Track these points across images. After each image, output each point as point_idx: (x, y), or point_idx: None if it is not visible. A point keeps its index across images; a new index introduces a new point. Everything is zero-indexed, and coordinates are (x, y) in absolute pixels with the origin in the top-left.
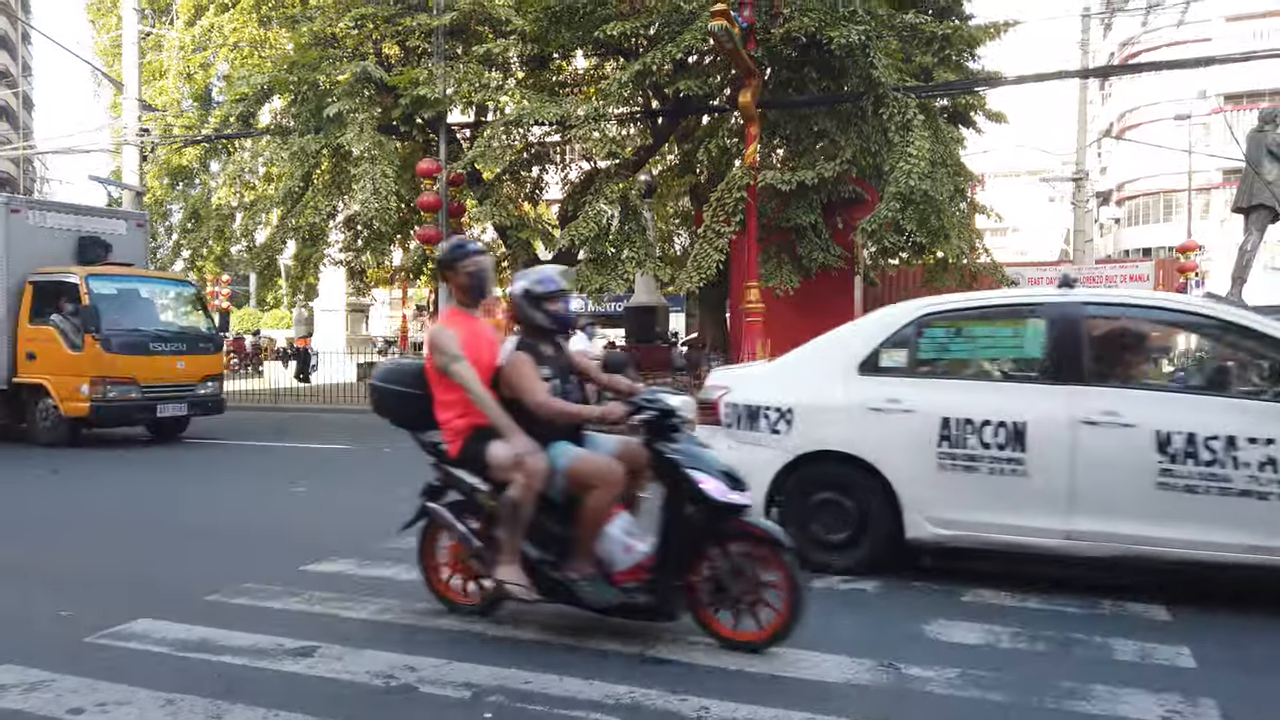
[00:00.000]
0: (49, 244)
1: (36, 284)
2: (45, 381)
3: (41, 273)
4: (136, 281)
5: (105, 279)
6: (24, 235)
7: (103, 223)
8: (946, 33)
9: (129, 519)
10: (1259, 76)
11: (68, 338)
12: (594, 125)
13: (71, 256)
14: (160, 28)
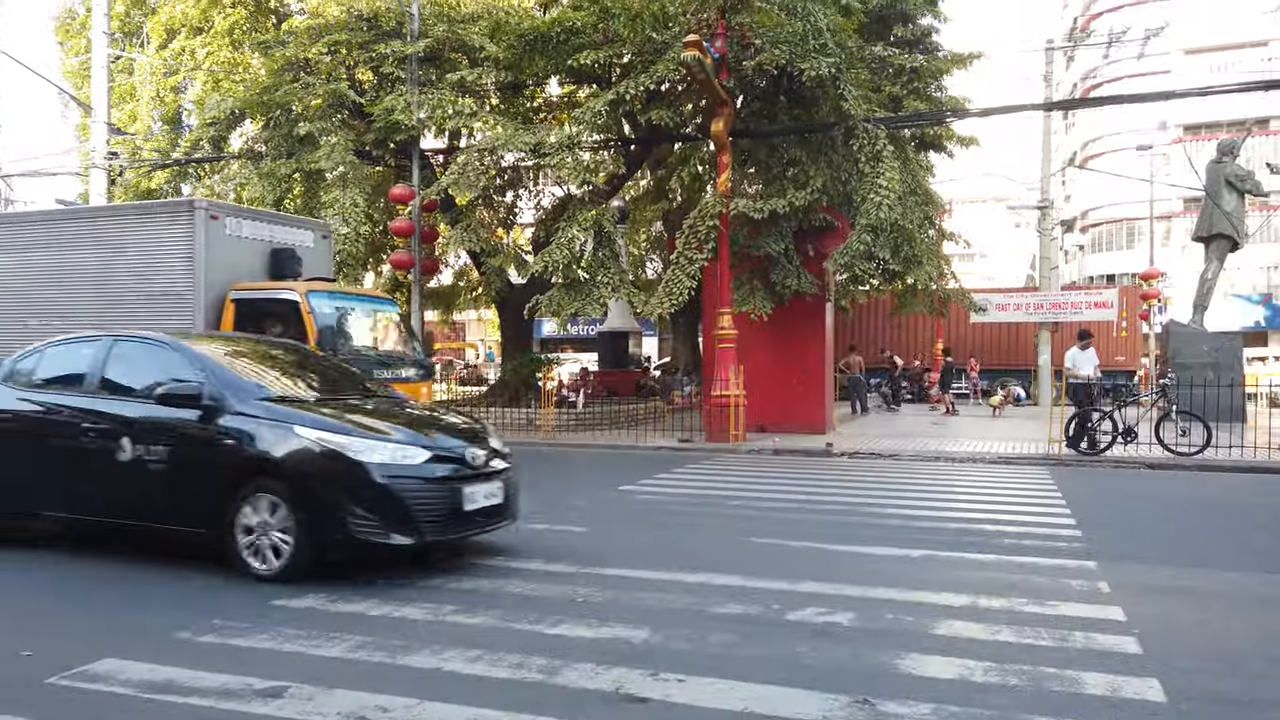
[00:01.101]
0: (242, 256)
1: (241, 301)
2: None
3: (245, 288)
4: (350, 300)
5: (324, 297)
6: (220, 245)
7: (293, 233)
8: (915, 66)
9: (97, 550)
10: (1217, 108)
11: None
12: (567, 153)
13: (264, 271)
14: (132, 50)
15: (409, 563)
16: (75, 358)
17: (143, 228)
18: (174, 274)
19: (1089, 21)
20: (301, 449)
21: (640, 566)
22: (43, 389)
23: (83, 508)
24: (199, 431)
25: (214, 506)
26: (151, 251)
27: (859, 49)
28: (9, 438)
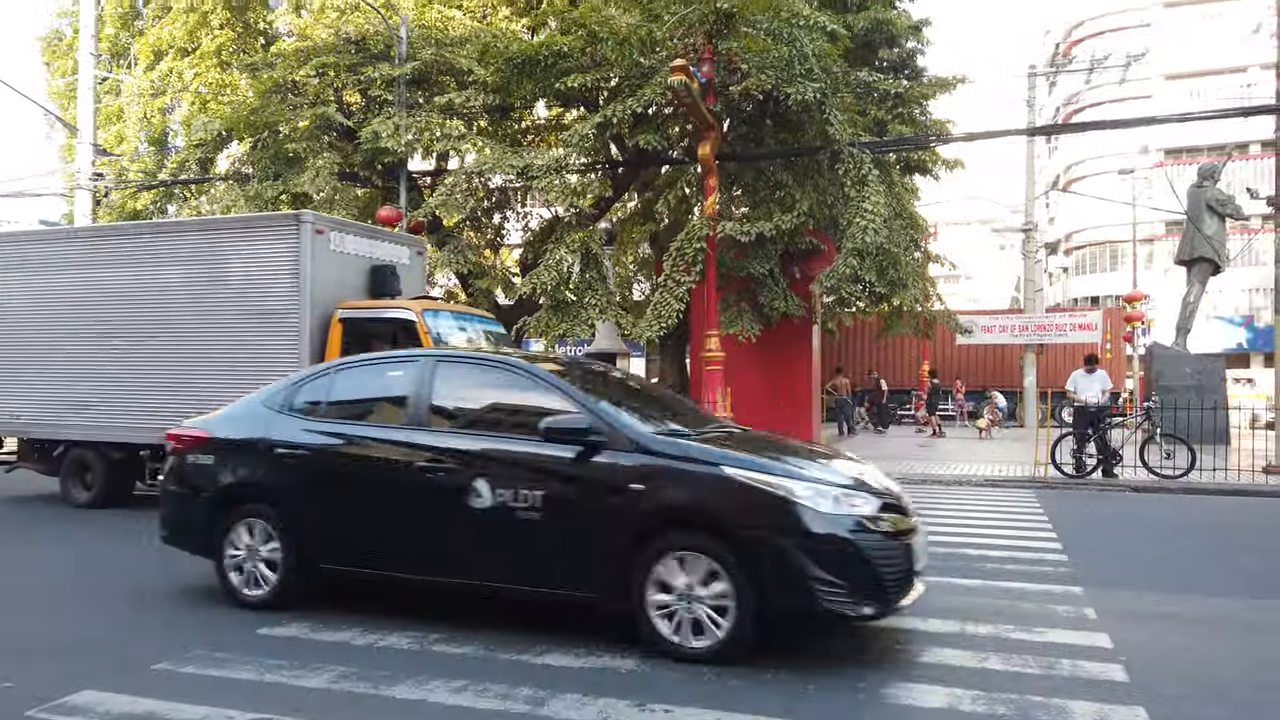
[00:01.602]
0: (345, 273)
1: (349, 321)
2: None
3: (352, 307)
4: (462, 320)
5: (439, 316)
6: (325, 261)
7: (391, 249)
8: (900, 91)
9: (75, 580)
10: (1197, 133)
11: None
12: (555, 175)
13: (364, 288)
14: (119, 72)
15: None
16: (384, 382)
17: (242, 243)
18: (277, 292)
19: (1071, 47)
20: (734, 495)
21: None
22: (342, 420)
23: (419, 565)
24: (585, 473)
25: (613, 566)
26: (252, 268)
27: (844, 74)
28: (305, 480)
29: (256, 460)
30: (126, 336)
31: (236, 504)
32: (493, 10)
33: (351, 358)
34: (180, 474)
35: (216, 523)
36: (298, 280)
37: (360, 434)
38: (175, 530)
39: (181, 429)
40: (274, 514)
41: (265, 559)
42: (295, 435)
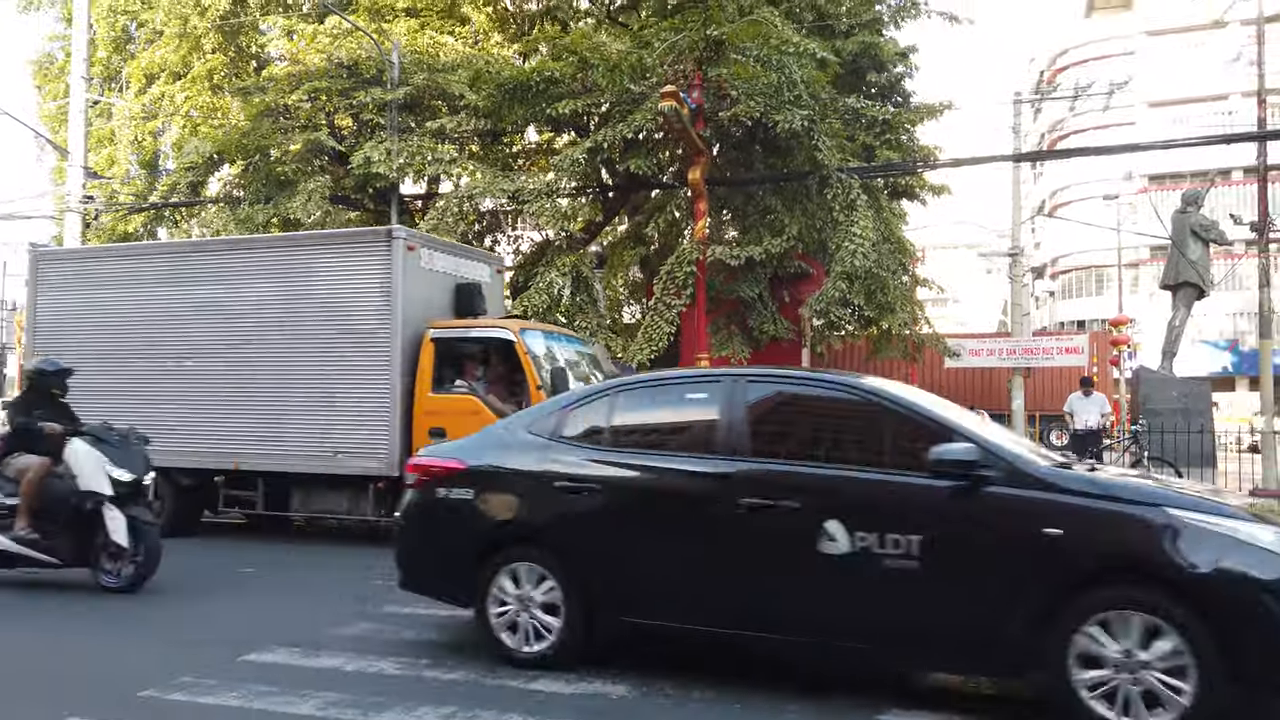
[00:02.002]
0: (431, 290)
1: (441, 341)
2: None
3: (445, 326)
4: (556, 340)
5: (536, 336)
6: (415, 279)
7: (475, 267)
8: (887, 117)
9: (61, 604)
10: (1180, 160)
11: (501, 411)
12: (546, 199)
13: (449, 307)
14: (110, 95)
15: (383, 616)
16: (682, 405)
17: (330, 259)
18: (367, 310)
19: (1055, 75)
20: (1189, 541)
21: None
22: (634, 449)
23: (745, 620)
24: (980, 514)
25: (1018, 630)
26: (340, 285)
27: (832, 100)
28: (595, 518)
29: (530, 495)
30: (202, 356)
31: (504, 545)
32: (485, 36)
33: (631, 378)
34: (428, 510)
35: (478, 567)
36: (389, 298)
37: (665, 465)
38: (422, 574)
39: (427, 458)
40: (552, 557)
41: (542, 608)
42: (579, 466)
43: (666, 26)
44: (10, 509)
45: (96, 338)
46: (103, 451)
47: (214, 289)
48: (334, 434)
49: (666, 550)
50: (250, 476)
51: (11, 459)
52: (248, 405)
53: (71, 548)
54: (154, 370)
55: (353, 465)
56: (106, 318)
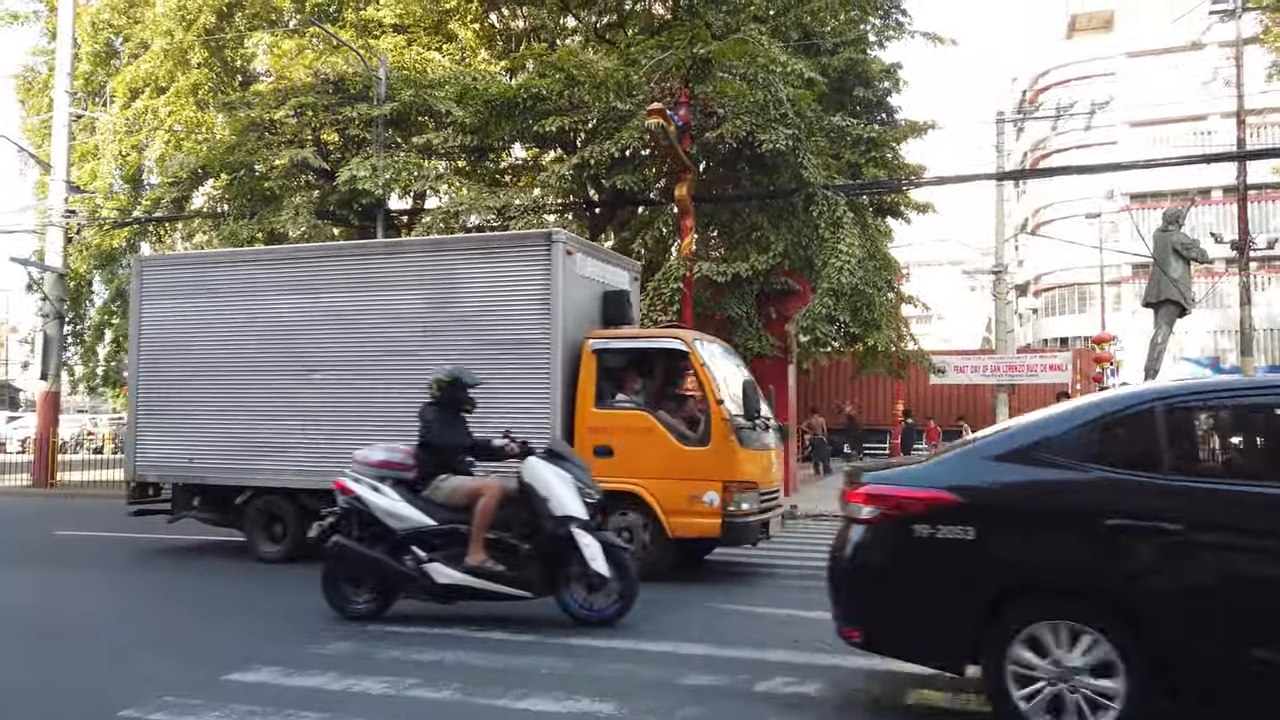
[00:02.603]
0: (582, 298)
1: (605, 352)
2: (638, 488)
3: (606, 336)
4: (722, 351)
5: (706, 346)
6: (573, 285)
7: (616, 273)
8: (872, 136)
9: (40, 624)
10: (1161, 179)
11: (674, 428)
12: (533, 215)
13: (597, 316)
14: (94, 109)
15: (366, 634)
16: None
17: (482, 264)
18: (524, 319)
19: (1037, 95)
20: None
21: (606, 636)
22: (1216, 477)
23: None
24: None
25: None
26: (494, 292)
27: (818, 118)
28: (1179, 569)
29: (1066, 535)
30: (333, 369)
31: (1029, 600)
32: (472, 53)
33: (1165, 388)
34: (904, 552)
35: (985, 625)
36: (549, 306)
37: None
38: (898, 633)
39: (896, 487)
40: (1105, 612)
41: (1091, 674)
42: (1145, 499)
43: (653, 44)
44: (444, 535)
45: (208, 348)
46: (564, 471)
47: (348, 296)
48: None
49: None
50: None
51: (439, 482)
52: (386, 421)
53: (541, 578)
54: (275, 384)
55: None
56: (220, 327)
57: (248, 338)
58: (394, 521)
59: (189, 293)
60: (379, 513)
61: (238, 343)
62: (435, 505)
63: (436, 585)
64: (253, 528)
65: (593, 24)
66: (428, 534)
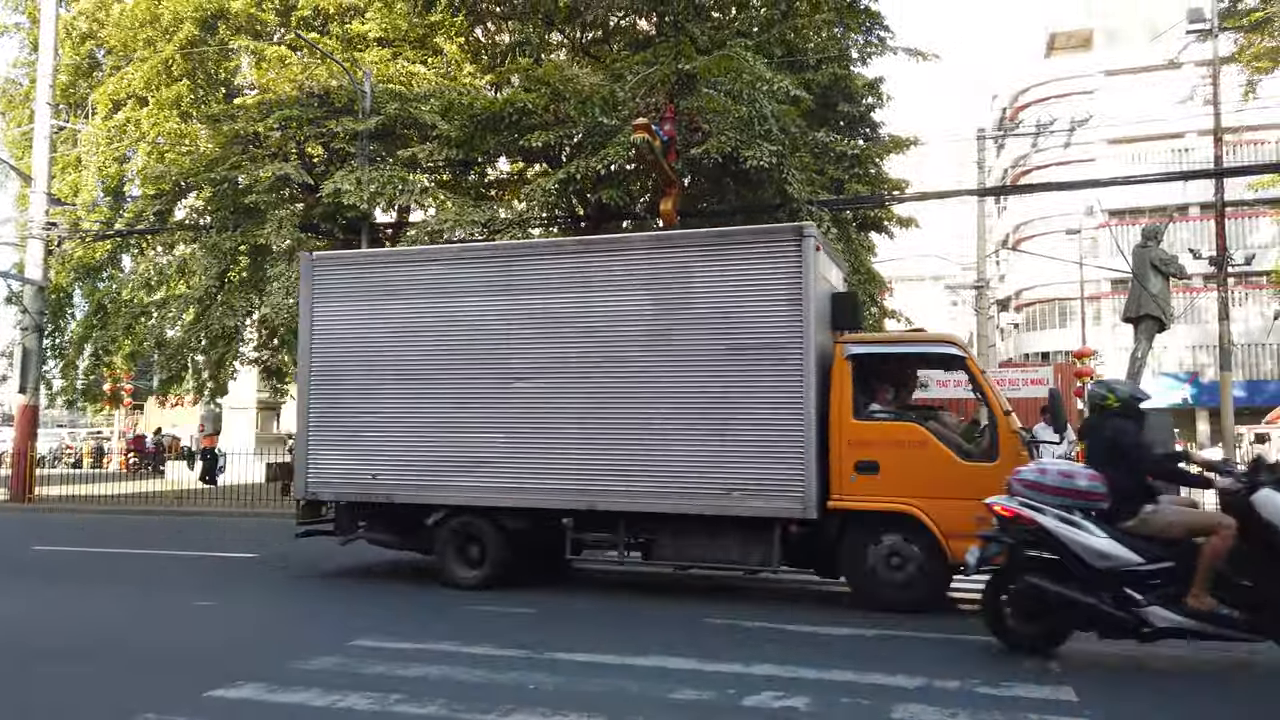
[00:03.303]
0: (822, 299)
1: (862, 358)
2: (912, 508)
3: (861, 340)
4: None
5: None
6: (819, 284)
7: (837, 272)
8: (856, 152)
9: (16, 640)
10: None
11: (953, 442)
12: (518, 230)
13: (828, 318)
14: (76, 121)
15: (352, 650)
16: None
17: (720, 262)
18: (771, 320)
19: (1017, 112)
20: None
21: (594, 650)
22: None
23: None
24: None
25: None
26: (734, 291)
27: (802, 133)
28: None
29: None
30: (541, 377)
31: None
32: (457, 67)
33: None
34: None
35: None
36: (800, 307)
37: None
38: None
39: None
40: None
41: None
42: None
43: (638, 60)
44: (1157, 574)
45: (392, 354)
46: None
47: (558, 297)
48: (728, 468)
49: None
50: (606, 518)
51: (1149, 514)
52: (606, 434)
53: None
54: (471, 393)
55: (754, 506)
56: (405, 331)
57: (438, 342)
58: (1096, 559)
59: (367, 293)
60: (1076, 548)
61: (427, 347)
62: (1138, 539)
63: (1154, 629)
64: (446, 551)
65: (578, 39)
66: (1139, 574)
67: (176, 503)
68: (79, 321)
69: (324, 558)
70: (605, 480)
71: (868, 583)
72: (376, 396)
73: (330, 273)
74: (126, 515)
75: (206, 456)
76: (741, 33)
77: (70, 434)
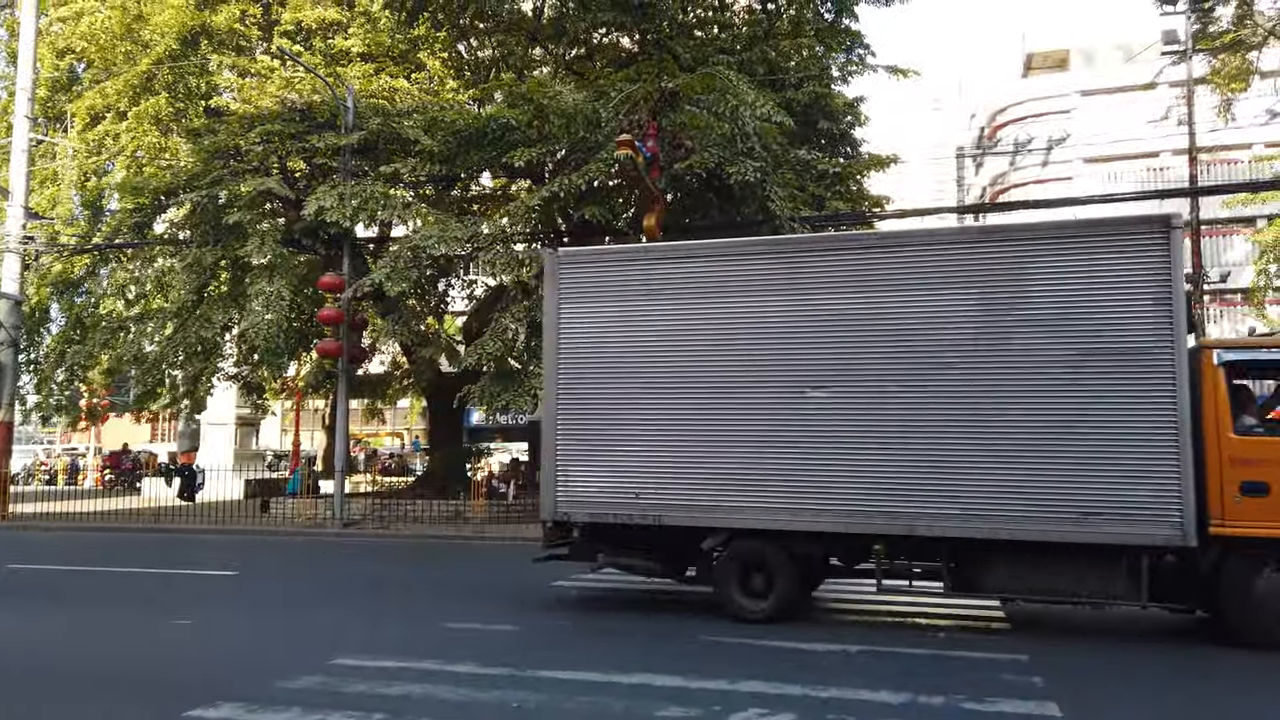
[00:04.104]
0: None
1: (1235, 365)
2: None
3: (1235, 345)
4: None
5: None
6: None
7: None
8: (837, 171)
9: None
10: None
11: None
12: (501, 245)
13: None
14: (54, 135)
15: (334, 669)
16: None
17: (1066, 257)
18: (1133, 321)
19: (995, 131)
20: None
21: (577, 668)
22: None
23: None
24: None
25: None
26: (1085, 289)
27: (784, 151)
28: None
29: None
30: (843, 385)
31: None
32: (440, 82)
33: None
34: None
35: None
36: (1169, 306)
37: None
38: None
39: None
40: None
41: None
42: None
43: (622, 77)
44: None
45: (653, 360)
46: None
47: (857, 298)
48: (1080, 489)
49: None
50: (923, 544)
51: None
52: (928, 449)
53: None
54: (756, 403)
55: (1116, 532)
56: (673, 334)
57: (712, 346)
58: None
59: (624, 293)
60: None
61: (698, 352)
62: None
63: None
64: (726, 579)
65: (561, 55)
66: None
67: (154, 520)
68: (55, 336)
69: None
70: (928, 501)
71: (1254, 618)
72: (638, 407)
73: (579, 272)
74: (103, 532)
75: (185, 473)
76: (724, 50)
77: (45, 450)
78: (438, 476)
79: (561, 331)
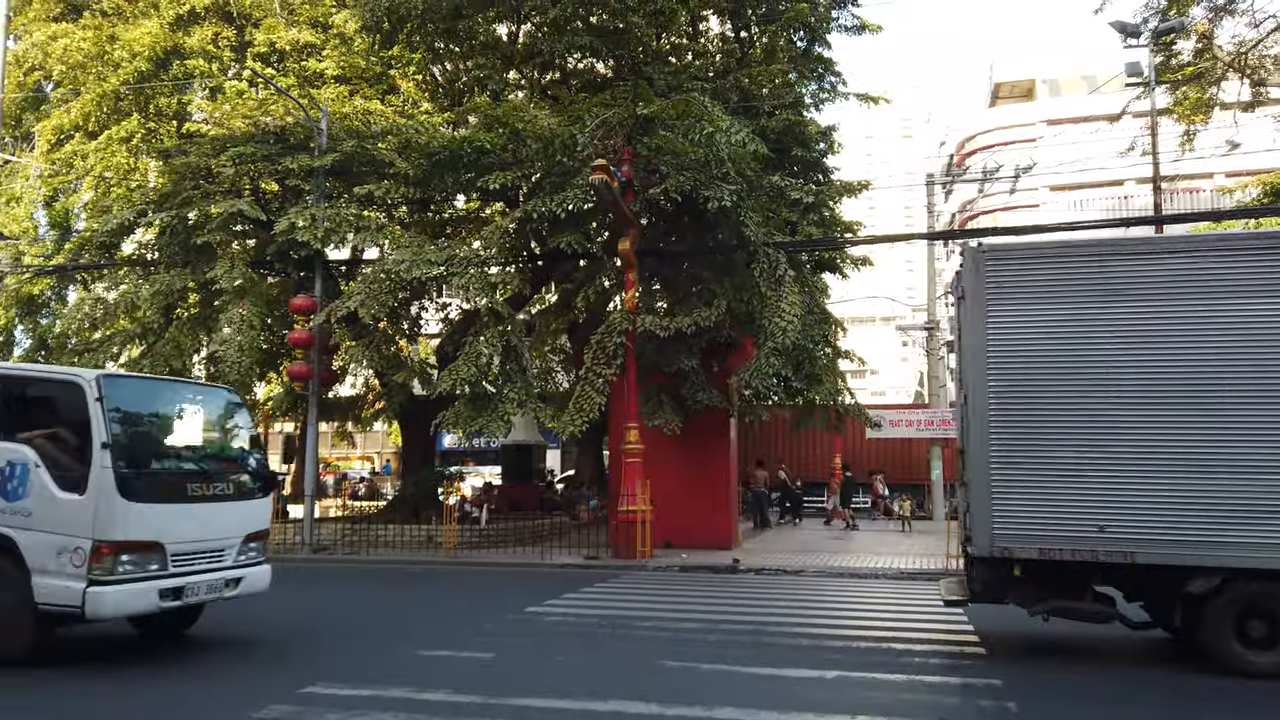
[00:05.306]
0: None
1: None
2: None
3: None
4: None
5: None
6: None
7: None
8: (810, 200)
9: None
10: None
11: None
12: (474, 268)
13: None
14: (22, 154)
15: (304, 698)
16: None
17: None
18: None
19: (963, 159)
20: None
21: (551, 695)
22: None
23: None
24: None
25: None
26: None
27: (759, 177)
28: None
29: None
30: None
31: None
32: (414, 105)
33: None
34: None
35: None
36: None
37: None
38: None
39: None
40: None
41: None
42: None
43: (597, 102)
44: None
45: (1118, 371)
46: None
47: (1217, 304)
48: None
49: None
50: None
51: None
52: None
53: None
54: (1259, 423)
55: None
56: (1142, 341)
57: (1199, 356)
58: None
59: (1073, 294)
60: None
61: (1181, 363)
62: None
63: None
64: (1222, 627)
65: (536, 79)
66: None
67: None
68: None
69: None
70: None
71: None
72: (1103, 426)
73: (1011, 270)
74: None
75: None
76: (697, 77)
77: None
78: (410, 501)
79: (989, 336)
